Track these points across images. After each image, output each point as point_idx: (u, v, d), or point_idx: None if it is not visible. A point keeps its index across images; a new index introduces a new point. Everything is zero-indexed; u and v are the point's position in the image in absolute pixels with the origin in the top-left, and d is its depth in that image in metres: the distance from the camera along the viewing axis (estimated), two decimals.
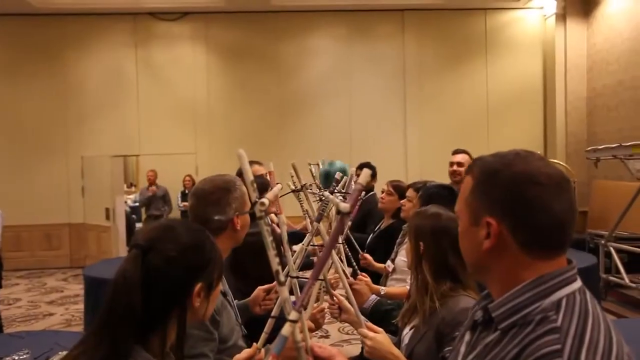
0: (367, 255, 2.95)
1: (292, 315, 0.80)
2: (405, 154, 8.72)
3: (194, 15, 8.62)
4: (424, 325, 1.57)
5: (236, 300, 1.93)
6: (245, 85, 8.68)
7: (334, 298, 1.72)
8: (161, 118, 8.56)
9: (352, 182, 1.78)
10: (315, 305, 1.74)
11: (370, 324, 1.49)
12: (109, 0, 8.13)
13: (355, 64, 8.81)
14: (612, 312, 5.34)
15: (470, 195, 0.91)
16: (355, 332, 4.66)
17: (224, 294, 1.65)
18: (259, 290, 1.95)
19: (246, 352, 1.33)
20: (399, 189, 3.41)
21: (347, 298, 1.63)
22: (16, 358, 2.26)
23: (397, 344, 1.70)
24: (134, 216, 10.01)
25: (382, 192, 3.60)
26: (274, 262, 0.85)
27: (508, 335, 0.84)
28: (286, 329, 0.78)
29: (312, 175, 2.11)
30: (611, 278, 5.85)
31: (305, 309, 1.15)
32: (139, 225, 10.04)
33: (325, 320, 5.25)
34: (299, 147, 8.14)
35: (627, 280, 5.57)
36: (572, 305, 0.82)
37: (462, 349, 0.97)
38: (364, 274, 2.33)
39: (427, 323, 1.56)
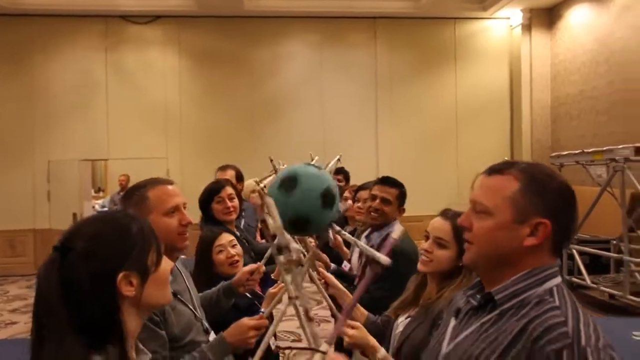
0: (339, 237, 2.97)
1: (323, 347, 1.03)
2: (377, 159, 8.82)
3: (166, 19, 8.55)
4: (421, 316, 1.66)
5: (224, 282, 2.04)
6: (218, 89, 8.64)
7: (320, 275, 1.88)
8: (131, 122, 8.43)
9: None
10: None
11: (348, 321, 1.57)
12: (79, 2, 7.98)
13: (328, 70, 8.88)
14: None
15: (519, 194, 1.01)
16: (327, 335, 4.70)
17: (174, 294, 1.63)
18: (244, 271, 2.02)
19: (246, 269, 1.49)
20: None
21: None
22: None
23: (381, 332, 1.79)
24: None
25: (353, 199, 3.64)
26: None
27: (506, 316, 0.99)
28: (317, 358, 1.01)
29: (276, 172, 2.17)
30: (574, 279, 6.05)
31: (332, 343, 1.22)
32: None
33: (298, 325, 5.23)
34: (272, 152, 8.05)
35: (588, 281, 5.79)
36: (561, 293, 1.00)
37: (449, 332, 1.10)
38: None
39: (425, 314, 1.65)
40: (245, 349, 1.72)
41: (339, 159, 3.28)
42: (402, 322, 1.76)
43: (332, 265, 2.80)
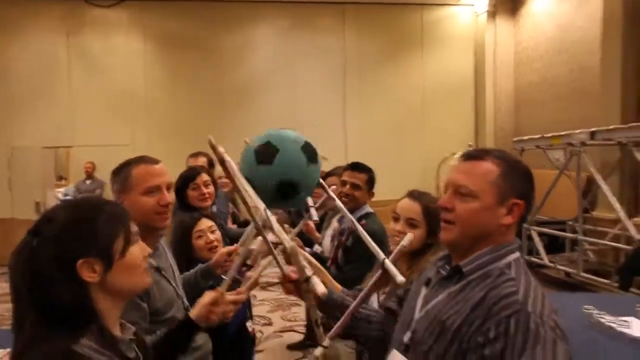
0: (310, 222, 3.03)
1: (326, 342, 1.12)
2: (345, 144, 8.92)
3: (130, 2, 8.34)
4: (394, 292, 1.71)
5: (200, 265, 2.08)
6: (186, 75, 8.53)
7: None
8: (96, 108, 8.25)
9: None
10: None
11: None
12: None
13: (297, 55, 8.88)
14: None
15: (500, 179, 1.14)
16: (297, 318, 4.80)
17: (159, 269, 1.70)
18: (221, 253, 2.04)
19: (211, 295, 1.46)
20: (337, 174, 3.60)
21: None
22: None
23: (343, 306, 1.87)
24: None
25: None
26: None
27: (471, 285, 1.12)
28: (318, 351, 1.09)
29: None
30: (533, 259, 6.32)
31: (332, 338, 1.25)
32: None
33: (268, 309, 5.31)
34: (241, 138, 8.10)
35: (546, 261, 6.06)
36: (518, 266, 1.14)
37: (420, 300, 1.21)
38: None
39: (396, 291, 1.70)
40: (221, 322, 1.79)
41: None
42: (374, 298, 1.83)
43: (306, 249, 2.87)
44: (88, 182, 8.10)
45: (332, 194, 1.71)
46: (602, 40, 6.48)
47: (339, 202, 1.60)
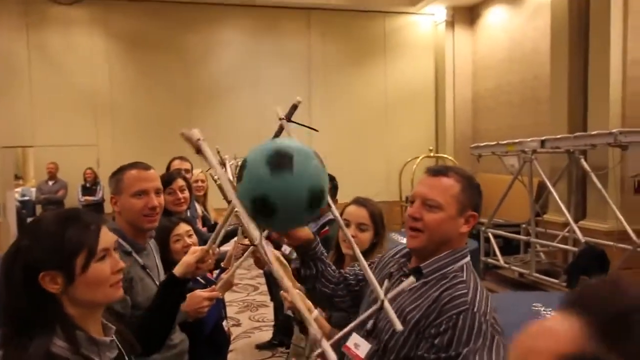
0: None
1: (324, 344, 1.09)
2: (310, 145, 9.04)
3: (92, 1, 8.22)
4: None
5: None
6: (151, 75, 8.47)
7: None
8: (57, 107, 8.08)
9: None
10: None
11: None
12: None
13: (262, 57, 8.97)
14: (490, 289, 6.10)
15: (461, 194, 1.32)
16: (265, 319, 4.92)
17: (144, 267, 1.85)
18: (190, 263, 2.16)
19: (197, 252, 1.53)
20: None
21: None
22: None
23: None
24: (24, 211, 9.37)
25: None
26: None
27: (429, 284, 1.29)
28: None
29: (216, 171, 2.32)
30: (489, 260, 6.65)
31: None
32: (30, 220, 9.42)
33: (237, 310, 5.40)
34: (208, 139, 8.13)
35: (502, 262, 6.39)
36: (469, 269, 1.31)
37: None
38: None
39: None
40: (197, 317, 1.91)
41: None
42: None
43: (275, 251, 2.99)
44: (51, 182, 7.93)
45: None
46: (550, 53, 6.89)
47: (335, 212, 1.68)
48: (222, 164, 1.99)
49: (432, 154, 9.03)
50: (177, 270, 1.55)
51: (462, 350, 1.17)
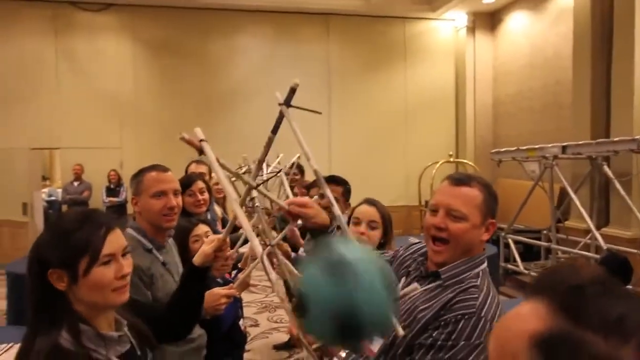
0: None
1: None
2: (329, 153, 9.13)
3: (118, 7, 8.44)
4: None
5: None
6: (173, 80, 8.65)
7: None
8: (83, 110, 8.30)
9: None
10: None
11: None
12: None
13: (282, 63, 9.06)
14: (509, 295, 6.06)
15: (483, 204, 1.35)
16: (282, 319, 4.97)
17: (164, 264, 1.95)
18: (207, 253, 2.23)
19: (214, 240, 1.55)
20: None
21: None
22: None
23: None
24: (50, 211, 9.63)
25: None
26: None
27: (445, 288, 1.33)
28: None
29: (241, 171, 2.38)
30: (509, 266, 6.59)
31: None
32: None
33: (255, 311, 5.47)
34: (227, 143, 8.24)
35: (522, 268, 6.33)
36: (484, 276, 1.35)
37: (399, 287, 1.43)
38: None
39: None
40: (215, 315, 1.96)
41: (298, 157, 3.54)
42: None
43: (292, 254, 3.04)
44: (76, 183, 8.15)
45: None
46: (573, 58, 6.83)
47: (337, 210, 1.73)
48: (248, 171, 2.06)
49: (452, 159, 9.00)
50: (196, 259, 1.57)
51: (460, 342, 1.20)
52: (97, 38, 8.46)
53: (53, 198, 10.40)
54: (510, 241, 6.57)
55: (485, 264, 1.38)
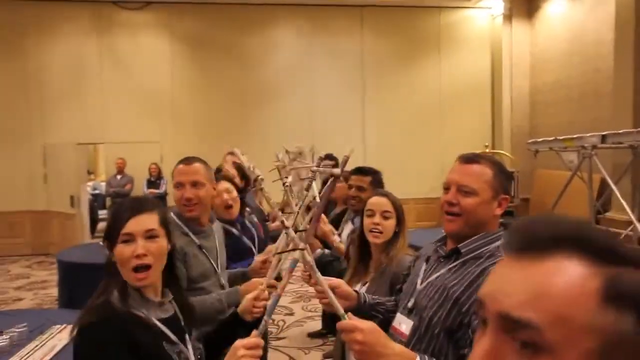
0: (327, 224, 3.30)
1: (301, 245, 1.34)
2: (364, 144, 9.16)
3: (157, 5, 8.71)
4: (377, 279, 2.03)
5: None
6: (209, 75, 8.86)
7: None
8: (125, 106, 8.63)
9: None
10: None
11: (354, 317, 1.26)
12: None
13: (316, 56, 9.14)
14: None
15: (493, 179, 1.41)
16: (317, 309, 5.09)
17: (200, 247, 2.10)
18: (257, 261, 2.31)
19: (254, 287, 1.75)
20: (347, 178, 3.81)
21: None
22: (17, 331, 2.51)
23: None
24: (95, 204, 10.07)
25: None
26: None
27: (468, 264, 1.38)
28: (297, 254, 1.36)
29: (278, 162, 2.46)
30: None
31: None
32: (102, 212, 10.10)
33: (290, 300, 5.62)
34: (262, 137, 8.44)
35: None
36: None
37: (421, 274, 1.50)
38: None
39: (380, 277, 2.02)
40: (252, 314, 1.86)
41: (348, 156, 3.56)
42: (360, 289, 2.06)
43: (317, 250, 3.03)
44: (119, 177, 8.51)
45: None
46: (614, 44, 6.61)
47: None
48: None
49: (488, 150, 8.88)
50: (240, 307, 1.73)
51: None
52: (136, 35, 8.75)
53: (97, 191, 10.86)
54: None
55: (502, 239, 1.42)
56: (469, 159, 1.45)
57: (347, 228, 3.33)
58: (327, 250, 3.09)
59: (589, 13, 7.53)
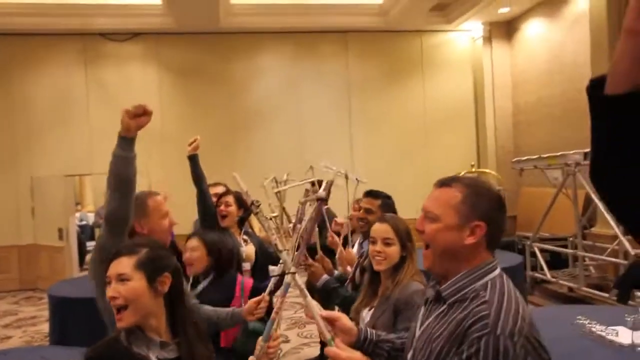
0: (335, 236, 3.37)
1: (293, 268, 1.37)
2: (352, 168, 9.20)
3: (144, 36, 8.79)
4: (383, 304, 2.03)
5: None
6: (198, 104, 8.92)
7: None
8: (113, 137, 8.48)
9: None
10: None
11: (340, 343, 1.40)
12: (57, 20, 8.13)
13: (303, 82, 9.25)
14: (538, 304, 6.03)
15: (460, 204, 1.26)
16: (313, 335, 5.07)
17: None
18: (252, 302, 2.32)
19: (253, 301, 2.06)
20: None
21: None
22: None
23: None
24: (82, 235, 9.96)
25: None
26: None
27: (453, 308, 1.23)
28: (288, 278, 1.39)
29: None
30: (536, 274, 6.56)
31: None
32: (90, 244, 9.99)
33: (285, 327, 5.60)
34: (252, 164, 8.47)
35: (549, 276, 6.30)
36: (494, 286, 1.22)
37: (420, 318, 1.40)
38: (322, 255, 2.93)
39: (385, 302, 2.03)
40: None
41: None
42: (366, 314, 2.13)
43: (323, 276, 2.89)
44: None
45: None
46: (591, 64, 6.82)
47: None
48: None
49: (473, 169, 9.01)
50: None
51: None
52: (124, 67, 8.80)
53: (84, 222, 10.76)
54: (536, 249, 6.55)
55: (493, 274, 1.26)
56: (442, 182, 1.34)
57: (357, 243, 3.41)
58: (336, 272, 3.08)
59: (566, 34, 7.77)
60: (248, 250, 3.42)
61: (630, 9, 0.70)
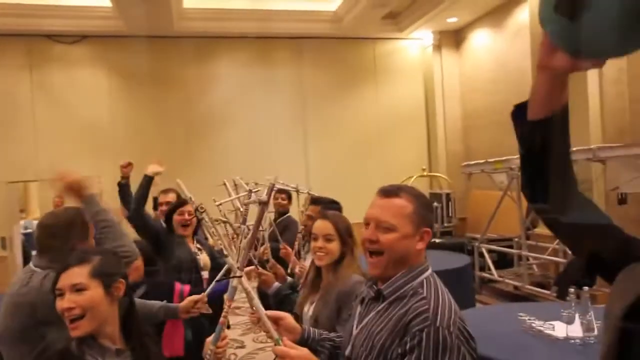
0: (288, 247, 3.43)
1: (238, 272, 1.43)
2: (307, 173, 9.31)
3: (93, 39, 8.55)
4: (324, 297, 2.09)
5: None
6: (149, 108, 8.75)
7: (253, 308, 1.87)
8: (60, 142, 8.32)
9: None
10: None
11: (288, 342, 1.43)
12: (0, 20, 7.80)
13: (257, 88, 9.24)
14: (485, 303, 6.29)
15: (413, 214, 1.38)
16: (268, 340, 5.08)
17: None
18: (189, 300, 2.39)
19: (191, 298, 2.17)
20: None
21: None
22: None
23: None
24: (27, 244, 9.54)
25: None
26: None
27: (392, 305, 1.35)
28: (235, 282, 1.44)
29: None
30: (484, 274, 6.84)
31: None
32: (35, 252, 9.58)
33: (240, 333, 5.60)
34: (207, 169, 8.37)
35: (496, 276, 6.59)
36: (430, 283, 1.36)
37: (356, 317, 1.49)
38: (273, 261, 3.05)
39: (326, 296, 2.09)
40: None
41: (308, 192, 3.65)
42: (309, 309, 2.19)
43: (275, 284, 2.86)
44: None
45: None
46: (532, 73, 7.18)
47: None
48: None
49: (425, 173, 9.28)
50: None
51: None
52: (72, 70, 8.53)
53: (29, 230, 10.29)
54: (484, 250, 6.83)
55: (428, 272, 1.39)
56: (388, 192, 1.42)
57: (310, 258, 3.44)
58: (289, 278, 3.10)
59: (510, 44, 8.16)
60: (204, 258, 3.42)
61: (541, 46, 0.81)
